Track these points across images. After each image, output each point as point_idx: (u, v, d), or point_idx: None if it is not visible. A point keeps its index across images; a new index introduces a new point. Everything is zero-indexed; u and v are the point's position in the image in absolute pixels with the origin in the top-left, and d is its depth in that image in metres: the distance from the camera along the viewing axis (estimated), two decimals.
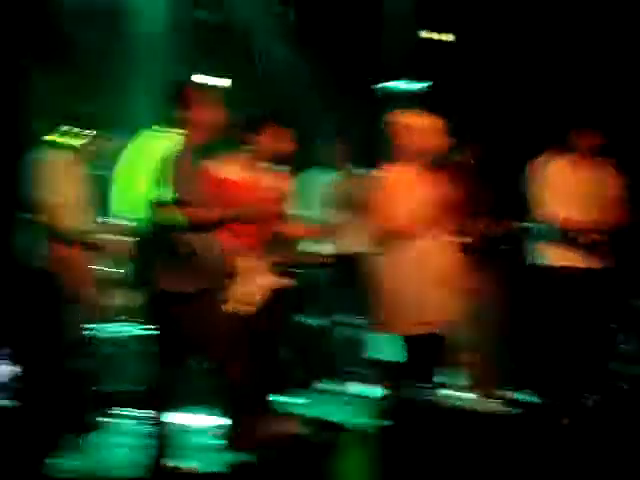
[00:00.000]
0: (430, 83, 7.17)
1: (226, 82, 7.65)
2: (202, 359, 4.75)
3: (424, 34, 7.73)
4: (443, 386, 6.09)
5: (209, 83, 4.57)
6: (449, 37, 7.32)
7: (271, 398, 5.28)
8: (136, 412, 5.47)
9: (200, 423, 5.47)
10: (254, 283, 4.82)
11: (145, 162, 5.04)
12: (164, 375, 4.50)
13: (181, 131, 4.53)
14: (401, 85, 7.30)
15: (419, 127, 4.80)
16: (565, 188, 5.49)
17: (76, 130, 5.00)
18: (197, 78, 4.61)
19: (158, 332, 4.47)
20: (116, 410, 5.54)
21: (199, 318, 4.43)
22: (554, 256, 5.52)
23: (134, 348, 5.93)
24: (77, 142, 4.98)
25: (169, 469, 4.39)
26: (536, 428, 5.29)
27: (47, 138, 4.79)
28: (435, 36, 7.64)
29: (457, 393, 6.15)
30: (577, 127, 5.54)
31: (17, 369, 4.11)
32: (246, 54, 7.84)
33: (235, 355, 5.15)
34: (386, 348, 5.48)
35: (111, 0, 6.98)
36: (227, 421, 5.17)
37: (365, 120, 6.68)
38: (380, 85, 7.51)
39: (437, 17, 7.52)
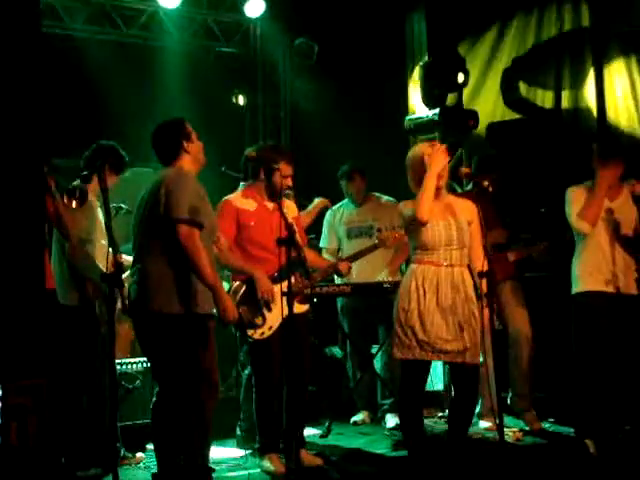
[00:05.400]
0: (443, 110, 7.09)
1: None
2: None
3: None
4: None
5: None
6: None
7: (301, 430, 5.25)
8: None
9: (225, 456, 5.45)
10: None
11: None
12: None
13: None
14: (427, 114, 7.25)
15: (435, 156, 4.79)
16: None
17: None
18: None
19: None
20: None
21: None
22: (587, 282, 5.40)
23: None
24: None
25: None
26: (563, 459, 5.20)
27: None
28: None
29: (480, 422, 6.07)
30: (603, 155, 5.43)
31: None
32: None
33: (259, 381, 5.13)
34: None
35: None
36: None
37: (391, 151, 6.65)
38: (407, 117, 7.49)
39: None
